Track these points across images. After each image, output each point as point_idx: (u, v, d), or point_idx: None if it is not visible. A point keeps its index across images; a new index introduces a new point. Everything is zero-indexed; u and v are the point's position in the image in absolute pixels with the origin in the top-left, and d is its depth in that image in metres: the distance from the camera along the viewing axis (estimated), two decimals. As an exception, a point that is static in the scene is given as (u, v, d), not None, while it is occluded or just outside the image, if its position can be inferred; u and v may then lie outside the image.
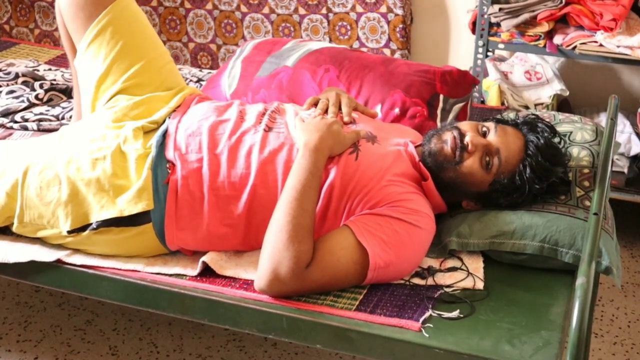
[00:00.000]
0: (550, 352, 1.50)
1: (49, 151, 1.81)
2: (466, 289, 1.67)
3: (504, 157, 1.75)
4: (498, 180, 1.75)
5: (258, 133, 1.79)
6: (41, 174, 1.77)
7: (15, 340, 2.43)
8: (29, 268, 1.78)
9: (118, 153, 1.78)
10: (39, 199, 1.75)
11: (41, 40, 3.67)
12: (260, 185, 1.73)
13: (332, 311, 1.60)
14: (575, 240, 1.70)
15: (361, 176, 1.72)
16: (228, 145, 1.77)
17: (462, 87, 2.18)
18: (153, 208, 1.73)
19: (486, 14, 2.87)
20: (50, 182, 1.76)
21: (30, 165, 1.78)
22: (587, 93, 3.13)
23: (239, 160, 1.75)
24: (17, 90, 2.44)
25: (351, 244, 1.63)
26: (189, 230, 1.74)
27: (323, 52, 2.22)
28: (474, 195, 1.80)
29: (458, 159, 1.75)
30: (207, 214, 1.74)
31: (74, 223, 1.74)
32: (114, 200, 1.73)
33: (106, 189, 1.74)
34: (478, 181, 1.76)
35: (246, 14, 3.31)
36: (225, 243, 1.77)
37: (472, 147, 1.75)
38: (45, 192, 1.75)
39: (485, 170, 1.75)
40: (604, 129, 2.01)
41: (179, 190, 1.74)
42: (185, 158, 1.77)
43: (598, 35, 2.72)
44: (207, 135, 1.79)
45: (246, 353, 2.40)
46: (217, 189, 1.74)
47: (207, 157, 1.76)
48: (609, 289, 2.73)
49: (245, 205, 1.73)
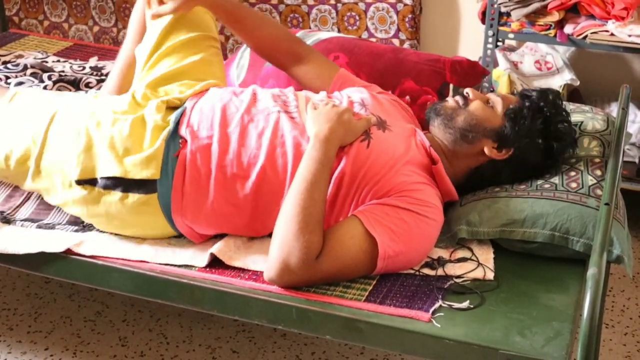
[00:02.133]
0: (562, 342, 1.49)
1: (79, 102, 1.90)
2: (476, 280, 1.67)
3: (502, 95, 1.88)
4: (508, 110, 1.83)
5: (272, 115, 1.79)
6: (66, 120, 1.84)
7: (26, 332, 2.44)
8: (38, 259, 1.78)
9: (139, 119, 1.81)
10: (59, 144, 1.81)
11: (50, 32, 3.67)
12: (269, 167, 1.73)
13: (341, 302, 1.60)
14: (586, 229, 1.69)
15: (372, 164, 1.71)
16: (240, 124, 1.78)
17: (471, 77, 2.19)
18: (159, 178, 1.74)
19: (496, 4, 2.85)
20: (71, 130, 1.81)
21: (58, 111, 1.86)
22: (598, 83, 3.11)
23: (250, 140, 1.76)
24: (26, 81, 2.44)
25: (360, 234, 1.62)
26: (194, 206, 1.75)
27: (332, 40, 2.22)
28: (493, 134, 1.83)
29: (463, 105, 1.84)
30: (213, 191, 1.74)
31: (83, 173, 1.78)
32: (121, 159, 1.76)
33: (117, 147, 1.77)
34: (490, 116, 1.84)
35: (255, 5, 3.30)
36: (230, 223, 1.76)
37: (472, 94, 1.86)
38: (65, 138, 1.81)
39: (491, 108, 1.84)
40: (615, 119, 2.00)
41: (187, 165, 1.75)
42: (196, 134, 1.78)
43: (609, 25, 2.70)
44: (220, 113, 1.80)
45: (255, 344, 2.40)
46: (225, 167, 1.74)
47: (218, 134, 1.77)
48: (619, 279, 2.72)
49: (252, 187, 1.73)
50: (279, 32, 2.05)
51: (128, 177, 1.75)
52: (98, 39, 3.62)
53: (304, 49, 2.06)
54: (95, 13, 3.59)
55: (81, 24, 3.64)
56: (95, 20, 3.61)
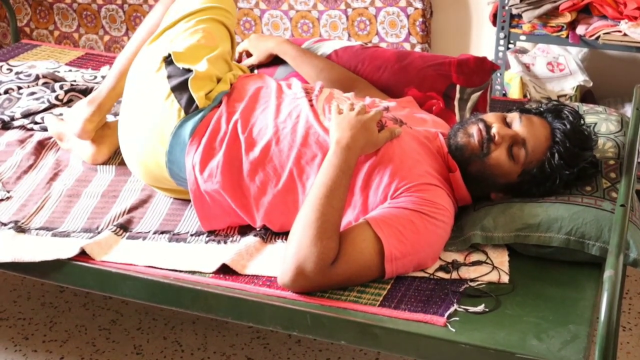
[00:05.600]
0: (579, 346, 1.48)
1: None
2: (491, 283, 1.65)
3: (530, 146, 1.75)
4: (527, 171, 1.75)
5: (298, 100, 1.87)
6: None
7: (41, 341, 2.45)
8: (52, 268, 1.79)
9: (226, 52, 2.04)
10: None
11: (61, 41, 3.69)
12: (276, 142, 1.80)
13: (356, 307, 1.59)
14: (602, 233, 1.67)
15: (388, 166, 1.73)
16: (266, 103, 1.89)
17: (479, 74, 2.15)
18: (192, 111, 1.87)
19: (507, 6, 2.84)
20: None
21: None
22: (611, 84, 3.09)
23: (268, 115, 1.85)
24: (38, 91, 2.46)
25: (370, 236, 1.62)
26: (205, 154, 1.82)
27: (335, 56, 2.22)
28: (502, 187, 1.79)
29: (485, 150, 1.76)
30: (224, 150, 1.82)
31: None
32: (200, 59, 1.95)
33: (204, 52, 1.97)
34: (506, 172, 1.76)
35: (265, 11, 3.30)
36: (225, 179, 1.81)
37: (499, 138, 1.75)
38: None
39: (513, 161, 1.75)
40: (629, 120, 1.98)
41: (213, 121, 1.86)
42: (231, 103, 1.91)
43: (622, 25, 2.69)
44: (253, 92, 1.92)
45: (270, 350, 2.40)
46: (237, 130, 1.83)
47: (244, 106, 1.88)
48: (636, 281, 2.70)
49: (257, 156, 1.80)
50: (335, 74, 2.15)
51: (178, 51, 1.93)
52: (109, 48, 3.63)
53: (359, 83, 2.15)
54: (106, 22, 3.61)
55: (92, 34, 3.65)
56: (105, 30, 3.62)
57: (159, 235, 1.86)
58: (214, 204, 1.84)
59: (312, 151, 1.78)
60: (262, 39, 2.25)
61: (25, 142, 2.26)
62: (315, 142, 1.79)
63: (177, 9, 2.08)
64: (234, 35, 2.15)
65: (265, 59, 2.23)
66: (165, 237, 1.85)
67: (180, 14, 2.05)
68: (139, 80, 1.97)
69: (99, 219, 1.93)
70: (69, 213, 1.96)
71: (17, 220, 1.93)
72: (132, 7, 3.52)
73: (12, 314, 2.56)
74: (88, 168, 2.15)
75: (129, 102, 1.97)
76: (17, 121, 2.34)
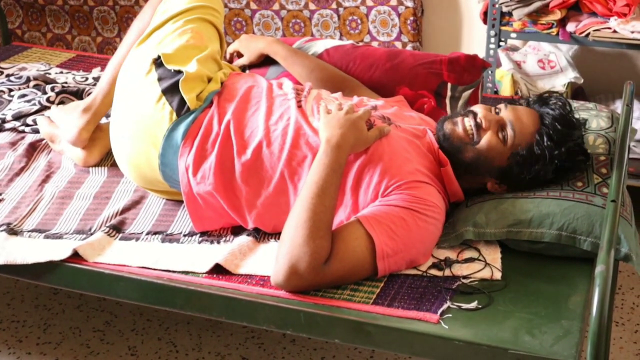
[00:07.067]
0: (571, 341, 1.49)
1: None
2: (484, 280, 1.66)
3: (517, 127, 1.78)
4: (516, 152, 1.77)
5: (288, 102, 1.88)
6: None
7: (35, 343, 2.44)
8: (45, 269, 1.79)
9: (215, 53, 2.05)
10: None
11: (53, 43, 3.68)
12: (267, 144, 1.80)
13: (349, 305, 1.59)
14: (593, 228, 1.68)
15: (378, 164, 1.73)
16: (257, 103, 1.89)
17: (471, 72, 2.16)
18: (185, 112, 1.87)
19: (497, 4, 2.85)
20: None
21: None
22: (602, 80, 3.10)
23: (258, 117, 1.85)
24: (29, 94, 2.45)
25: (362, 234, 1.63)
26: (198, 155, 1.83)
27: (325, 55, 2.22)
28: (497, 173, 1.80)
29: (476, 139, 1.79)
30: (217, 151, 1.82)
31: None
32: (191, 58, 1.95)
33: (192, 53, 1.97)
34: (497, 155, 1.78)
35: (256, 11, 3.30)
36: (218, 181, 1.81)
37: (485, 122, 1.79)
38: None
39: (503, 143, 1.78)
40: (620, 116, 1.99)
41: (205, 121, 1.86)
42: (222, 103, 1.91)
43: (612, 22, 2.70)
44: (244, 91, 1.93)
45: (265, 350, 2.40)
46: (229, 130, 1.84)
47: (235, 106, 1.88)
48: (628, 277, 2.71)
49: (249, 159, 1.80)
50: (326, 74, 2.15)
51: (165, 53, 1.93)
52: (101, 49, 3.63)
53: (350, 82, 2.15)
54: (98, 24, 3.60)
55: (84, 35, 3.65)
56: (98, 31, 3.62)
57: (152, 236, 1.86)
58: (206, 205, 1.84)
59: (303, 152, 1.79)
60: (253, 39, 2.25)
61: (16, 145, 2.26)
62: (305, 144, 1.79)
63: (164, 9, 2.08)
64: (223, 33, 2.15)
65: (256, 60, 2.23)
66: (158, 238, 1.85)
67: (167, 14, 2.05)
68: (129, 83, 1.97)
69: (91, 220, 1.93)
70: (61, 215, 1.95)
71: (9, 222, 1.92)
72: (124, 8, 3.52)
73: (6, 316, 2.56)
74: (80, 170, 2.15)
75: (120, 106, 1.97)
76: (8, 123, 2.34)
